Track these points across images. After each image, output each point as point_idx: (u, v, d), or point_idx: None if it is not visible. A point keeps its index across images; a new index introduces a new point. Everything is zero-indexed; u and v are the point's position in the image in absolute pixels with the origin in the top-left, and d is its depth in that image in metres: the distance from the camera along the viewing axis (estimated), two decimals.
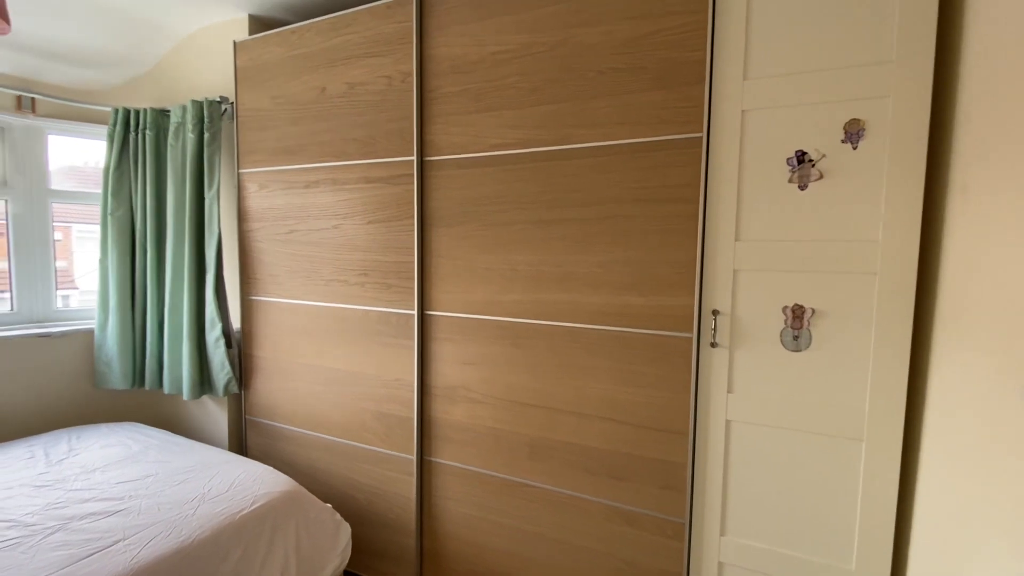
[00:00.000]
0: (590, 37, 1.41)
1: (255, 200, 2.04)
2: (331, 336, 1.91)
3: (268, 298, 2.05)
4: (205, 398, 2.19)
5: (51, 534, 1.28)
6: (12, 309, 2.17)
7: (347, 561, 1.65)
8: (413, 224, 1.70)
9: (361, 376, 1.85)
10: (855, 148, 1.15)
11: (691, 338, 1.33)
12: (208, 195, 2.03)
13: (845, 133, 1.16)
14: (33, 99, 2.15)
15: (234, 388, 2.09)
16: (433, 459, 1.74)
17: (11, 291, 2.17)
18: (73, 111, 2.27)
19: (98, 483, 1.54)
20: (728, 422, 1.32)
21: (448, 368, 1.69)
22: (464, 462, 1.69)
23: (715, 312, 1.31)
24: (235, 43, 2.02)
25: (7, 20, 1.28)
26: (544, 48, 1.47)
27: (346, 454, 1.91)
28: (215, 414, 2.19)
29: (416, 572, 1.79)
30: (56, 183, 2.27)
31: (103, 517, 1.36)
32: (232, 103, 2.06)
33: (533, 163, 1.50)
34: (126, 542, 1.25)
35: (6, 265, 2.15)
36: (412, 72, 1.65)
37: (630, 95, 1.37)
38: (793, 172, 1.21)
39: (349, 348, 1.87)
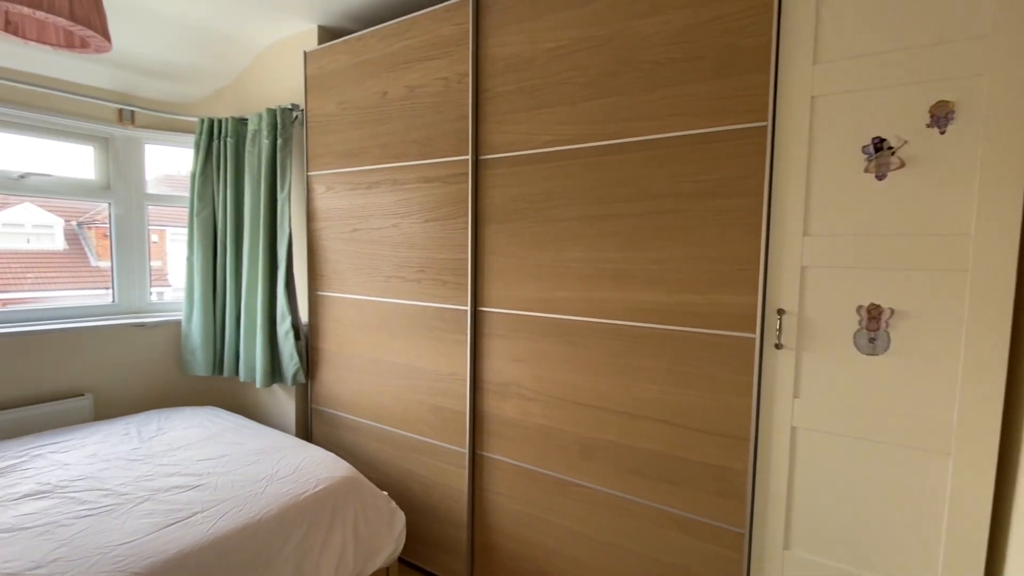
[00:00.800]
0: (646, 28, 1.37)
1: (322, 201, 2.16)
2: (390, 330, 1.98)
3: (333, 293, 2.16)
4: (275, 386, 2.34)
5: (140, 503, 1.42)
6: (113, 302, 2.42)
7: (401, 548, 1.70)
8: (467, 222, 1.73)
9: (417, 370, 1.91)
10: (943, 133, 1.05)
11: (753, 339, 1.26)
12: (280, 196, 2.17)
13: (931, 117, 1.06)
14: (133, 112, 2.40)
15: (301, 378, 2.21)
16: (485, 454, 1.76)
17: (112, 286, 2.43)
18: (166, 122, 2.50)
19: (181, 460, 1.68)
20: (794, 429, 1.24)
21: (500, 364, 1.71)
22: (515, 458, 1.69)
23: (780, 311, 1.23)
24: (305, 53, 2.15)
25: (108, 38, 1.43)
26: (599, 42, 1.45)
27: (403, 444, 1.97)
28: (284, 402, 2.34)
29: (467, 565, 1.81)
30: (151, 188, 2.51)
31: (185, 491, 1.49)
32: (302, 110, 2.19)
33: (586, 158, 1.49)
34: (204, 514, 1.36)
35: (108, 264, 2.41)
36: (468, 72, 1.69)
37: (687, 85, 1.32)
38: (870, 161, 1.12)
39: (406, 342, 1.93)
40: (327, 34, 2.20)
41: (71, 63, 2.14)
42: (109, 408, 2.25)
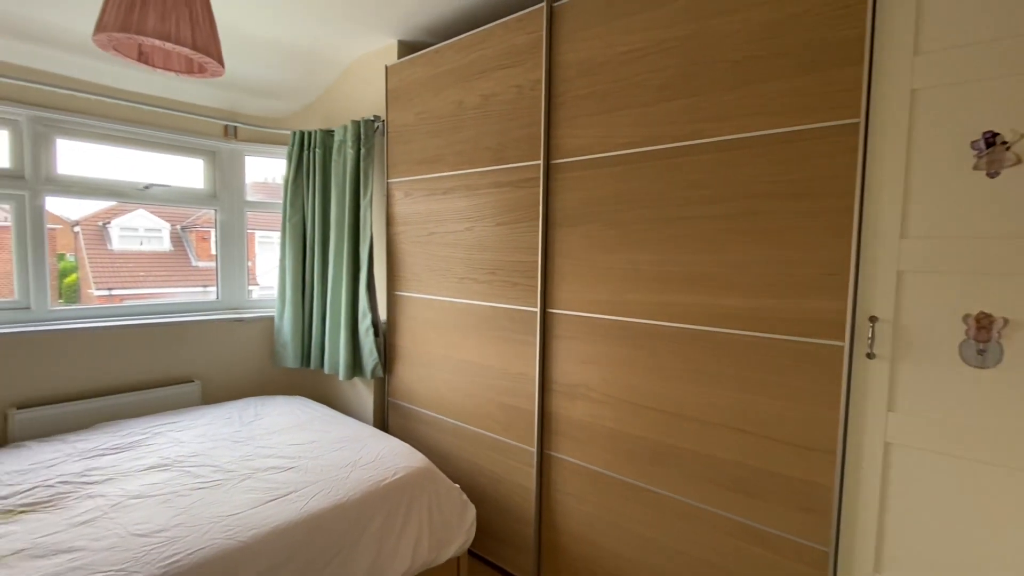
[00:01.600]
0: (725, 26, 1.34)
1: (401, 206, 2.28)
2: (462, 330, 2.06)
3: (410, 293, 2.28)
4: (356, 379, 2.50)
5: (244, 480, 1.58)
6: (217, 298, 2.69)
7: (472, 540, 1.76)
8: (538, 225, 1.76)
9: (487, 368, 1.97)
10: None
11: (842, 347, 1.20)
12: (363, 203, 2.32)
13: None
14: (236, 127, 2.66)
15: (379, 372, 2.35)
16: (553, 453, 1.79)
17: (217, 284, 2.70)
18: (263, 135, 2.75)
19: (277, 443, 1.85)
20: (887, 444, 1.16)
21: (568, 366, 1.73)
22: (583, 460, 1.71)
23: (873, 319, 1.16)
24: (387, 67, 2.28)
25: (222, 63, 1.61)
26: (674, 43, 1.44)
27: (472, 440, 2.04)
28: (363, 394, 2.49)
29: (534, 562, 1.85)
30: (248, 196, 2.77)
31: (280, 471, 1.63)
32: (383, 120, 2.33)
33: (659, 160, 1.48)
34: (297, 494, 1.49)
35: (207, 263, 2.68)
36: (541, 79, 1.73)
37: (768, 83, 1.28)
38: (980, 157, 1.03)
39: (477, 341, 2.00)
40: (406, 48, 2.33)
41: (185, 86, 2.41)
42: (214, 394, 2.51)
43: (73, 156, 2.25)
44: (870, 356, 1.17)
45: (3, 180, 2.06)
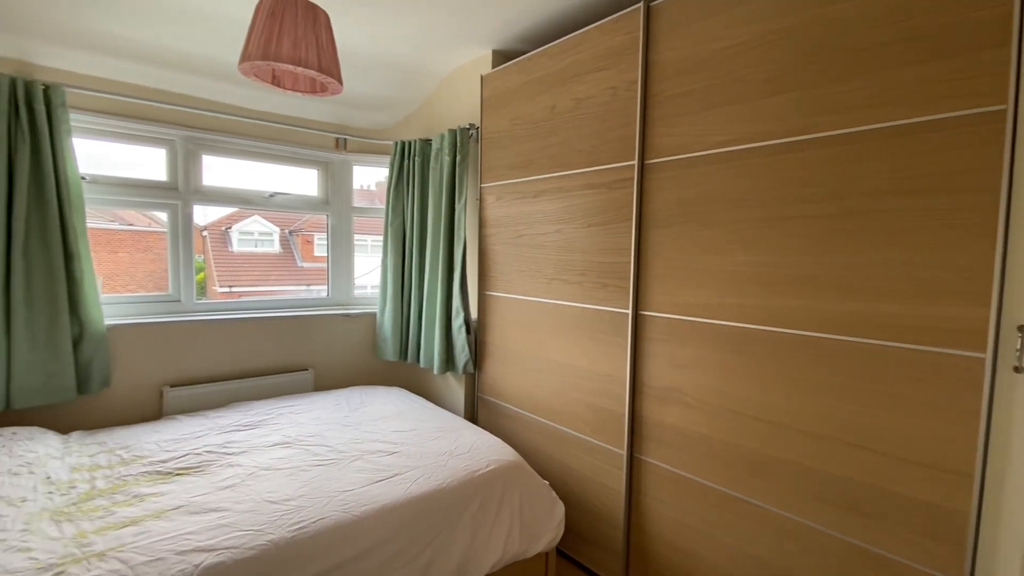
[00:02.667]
0: (841, 13, 1.26)
1: (493, 209, 2.37)
2: (550, 330, 2.10)
3: (500, 293, 2.36)
4: (448, 374, 2.63)
5: (354, 461, 1.73)
6: (328, 295, 2.96)
7: (560, 537, 1.79)
8: (631, 226, 1.76)
9: (576, 369, 1.99)
10: None
11: (983, 359, 1.08)
12: (458, 207, 2.44)
13: None
14: (345, 140, 2.91)
15: (470, 368, 2.46)
16: (643, 457, 1.77)
17: (328, 282, 2.97)
18: (369, 146, 2.98)
19: (381, 429, 2.00)
20: None
21: (661, 369, 1.70)
22: (676, 466, 1.67)
23: (1022, 328, 1.04)
24: (482, 77, 2.38)
25: (341, 83, 1.78)
26: (781, 35, 1.37)
27: (559, 439, 2.07)
28: (455, 388, 2.61)
29: (623, 565, 1.84)
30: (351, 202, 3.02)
31: (385, 455, 1.77)
32: (478, 128, 2.44)
33: (763, 157, 1.42)
34: (401, 476, 1.61)
35: (311, 264, 2.95)
36: (636, 79, 1.72)
37: (894, 71, 1.18)
38: None
39: (566, 342, 2.03)
40: (500, 57, 2.42)
41: (305, 104, 2.68)
42: (324, 381, 2.77)
43: (213, 169, 2.59)
44: (1018, 370, 1.04)
45: (161, 191, 2.43)
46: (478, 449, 1.82)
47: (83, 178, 2.11)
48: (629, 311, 1.77)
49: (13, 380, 1.89)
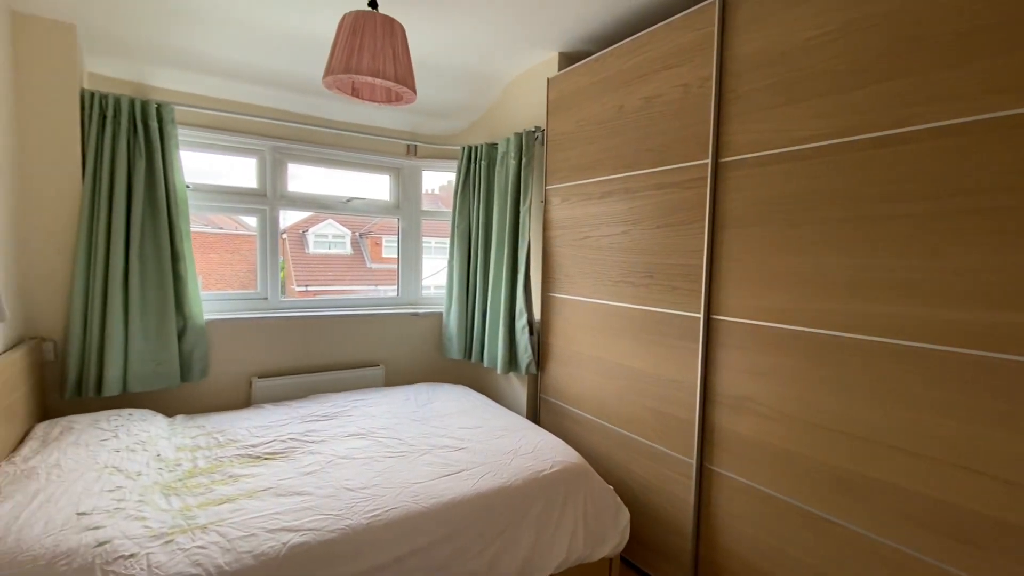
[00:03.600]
0: None
1: (557, 211, 2.38)
2: (615, 332, 2.07)
3: (563, 295, 2.36)
4: (511, 374, 2.66)
5: (423, 454, 1.79)
6: (397, 295, 3.09)
7: (625, 543, 1.76)
8: (703, 227, 1.70)
9: (642, 373, 1.95)
10: None
11: None
12: (522, 209, 2.47)
13: None
14: (416, 146, 3.02)
15: (533, 369, 2.47)
16: (714, 468, 1.70)
17: (397, 282, 3.10)
18: (437, 152, 3.08)
19: (447, 425, 2.06)
20: None
21: (734, 377, 1.63)
22: (750, 479, 1.59)
23: None
24: (548, 80, 2.40)
25: (415, 92, 1.85)
26: (874, 21, 1.28)
27: (624, 444, 2.04)
28: (517, 388, 2.64)
29: None
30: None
31: (452, 451, 1.82)
32: (543, 130, 2.45)
33: (854, 152, 1.32)
34: (468, 472, 1.65)
35: (380, 266, 3.08)
36: (711, 76, 1.66)
37: (1010, 55, 1.07)
38: None
39: (632, 345, 1.99)
40: (566, 59, 2.42)
41: (379, 113, 2.81)
42: (394, 377, 2.89)
43: (296, 177, 2.78)
44: None
45: (252, 198, 2.64)
46: (542, 450, 1.83)
47: (187, 186, 2.34)
48: (700, 315, 1.71)
49: (129, 367, 2.13)
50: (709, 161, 1.67)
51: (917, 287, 1.21)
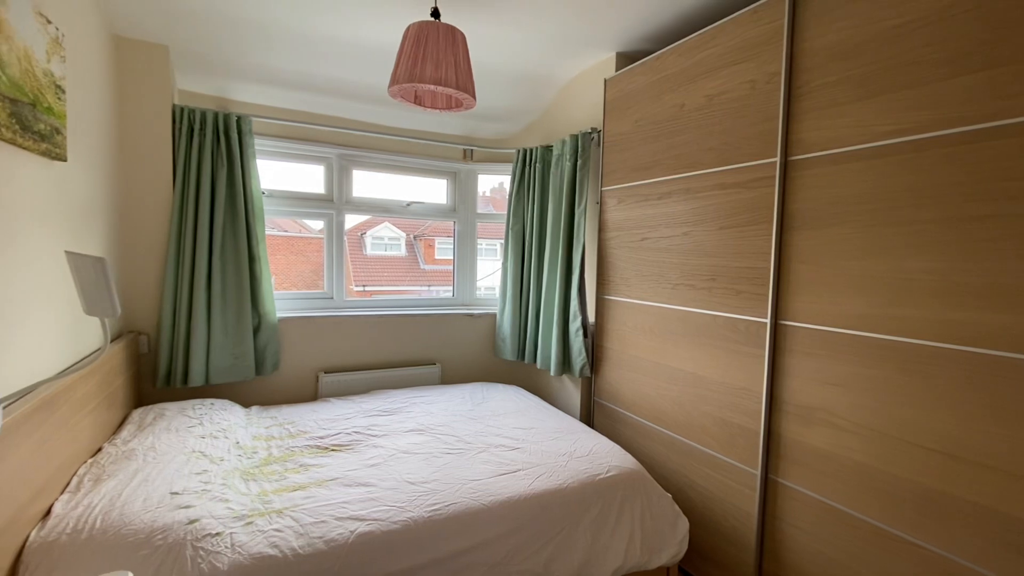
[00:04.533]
0: None
1: (613, 213, 2.35)
2: (675, 337, 2.02)
3: (619, 298, 2.33)
4: (564, 376, 2.66)
5: (480, 452, 1.83)
6: (452, 296, 3.16)
7: (683, 553, 1.72)
8: (771, 228, 1.63)
9: (703, 379, 1.89)
10: None
11: None
12: (577, 211, 2.46)
13: None
14: (472, 150, 3.08)
15: (587, 372, 2.46)
16: (780, 480, 1.63)
17: (453, 283, 3.17)
18: (492, 155, 3.13)
19: (502, 425, 2.09)
20: None
21: (805, 386, 1.55)
22: (820, 493, 1.51)
23: None
24: (605, 81, 2.38)
25: (475, 98, 1.89)
26: (965, 7, 1.18)
27: (683, 452, 1.99)
28: (570, 390, 2.63)
29: None
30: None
31: (508, 450, 1.84)
32: (599, 131, 2.44)
33: (945, 148, 1.23)
34: (523, 472, 1.67)
35: (433, 267, 3.16)
36: (779, 71, 1.60)
37: None
38: None
39: (692, 351, 1.94)
40: (624, 59, 2.39)
41: (439, 119, 2.89)
42: (449, 376, 2.96)
43: (358, 183, 2.91)
44: None
45: (320, 203, 2.78)
46: (598, 454, 1.82)
47: (263, 193, 2.50)
48: (767, 320, 1.64)
49: (211, 360, 2.31)
50: (777, 159, 1.61)
51: (1013, 293, 1.11)
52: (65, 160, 1.49)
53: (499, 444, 1.89)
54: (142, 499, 1.35)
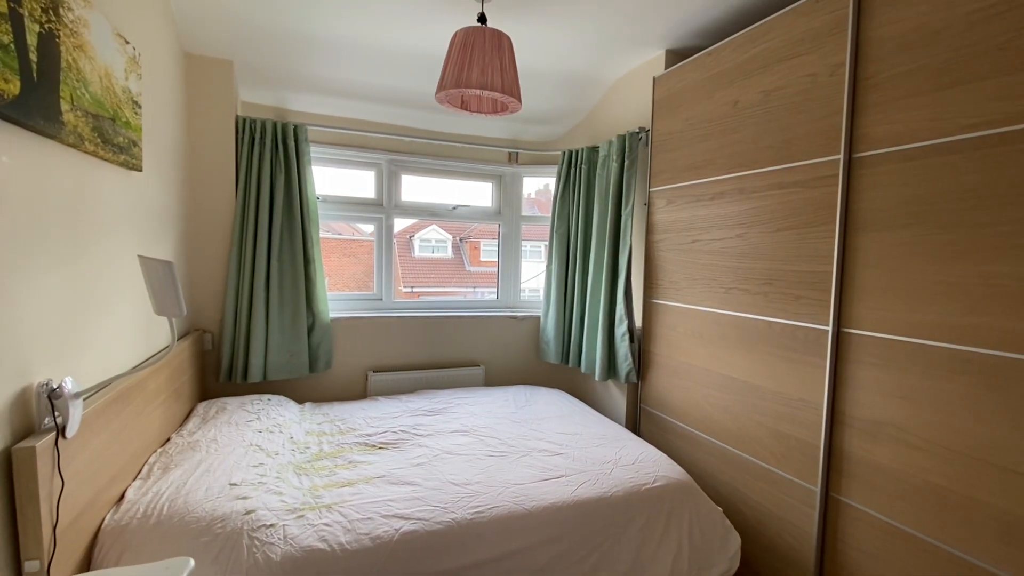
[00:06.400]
0: None
1: (662, 214, 2.29)
2: (727, 344, 1.94)
3: (667, 302, 2.26)
4: (610, 381, 2.61)
5: (523, 456, 1.82)
6: (496, 298, 3.17)
7: (735, 571, 1.64)
8: (833, 230, 1.53)
9: (758, 389, 1.80)
10: None
11: None
12: (624, 212, 2.41)
13: None
14: (517, 153, 3.08)
15: (633, 378, 2.40)
16: (842, 498, 1.53)
17: (497, 285, 3.18)
18: (537, 158, 3.12)
19: (546, 429, 2.08)
20: None
21: (871, 398, 1.45)
22: (887, 514, 1.41)
23: None
24: (654, 79, 2.32)
25: (520, 101, 1.89)
26: None
27: (735, 464, 1.90)
28: (616, 396, 2.58)
29: None
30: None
31: (551, 455, 1.83)
32: (647, 131, 2.38)
33: None
34: (567, 478, 1.65)
35: (478, 269, 3.17)
36: (844, 62, 1.50)
37: None
38: None
39: (746, 358, 1.85)
40: (674, 56, 2.32)
41: (485, 123, 2.91)
42: (493, 378, 2.97)
43: (406, 187, 2.98)
44: None
45: (370, 207, 2.87)
46: (644, 463, 1.77)
47: (318, 198, 2.61)
48: (829, 328, 1.55)
49: (268, 357, 2.42)
50: (841, 156, 1.51)
51: None
52: (141, 170, 1.60)
53: (542, 448, 1.88)
54: (204, 488, 1.43)
